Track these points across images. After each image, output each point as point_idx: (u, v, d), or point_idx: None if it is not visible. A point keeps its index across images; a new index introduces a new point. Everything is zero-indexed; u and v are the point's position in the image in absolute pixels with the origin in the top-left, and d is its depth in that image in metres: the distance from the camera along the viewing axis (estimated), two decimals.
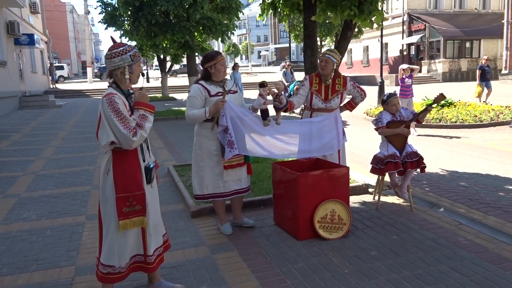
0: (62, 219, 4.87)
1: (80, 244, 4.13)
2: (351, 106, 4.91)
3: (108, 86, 2.88)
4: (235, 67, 16.59)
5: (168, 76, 23.98)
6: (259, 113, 4.12)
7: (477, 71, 14.84)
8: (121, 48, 2.82)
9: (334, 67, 4.56)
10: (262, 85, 3.96)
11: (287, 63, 15.69)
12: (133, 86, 2.95)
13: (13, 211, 5.21)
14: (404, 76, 9.93)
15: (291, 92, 13.61)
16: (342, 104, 4.82)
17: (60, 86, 32.07)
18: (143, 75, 3.00)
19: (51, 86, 29.97)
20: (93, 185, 6.27)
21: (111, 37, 2.96)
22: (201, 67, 4.22)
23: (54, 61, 41.20)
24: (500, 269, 3.34)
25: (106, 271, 2.87)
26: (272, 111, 4.17)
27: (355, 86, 4.75)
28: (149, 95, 2.97)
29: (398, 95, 4.92)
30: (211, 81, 4.01)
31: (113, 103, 2.71)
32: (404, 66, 10.18)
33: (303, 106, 4.89)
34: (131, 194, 2.81)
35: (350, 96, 4.90)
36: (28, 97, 20.01)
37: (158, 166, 3.10)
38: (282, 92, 4.20)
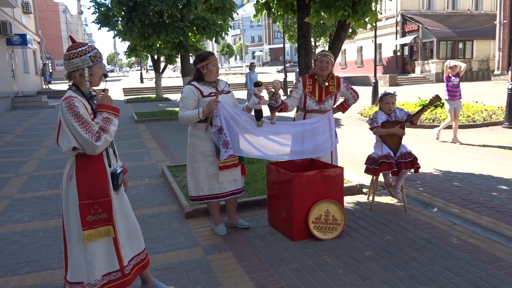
0: (55, 220, 4.83)
1: None
2: (343, 107, 4.89)
3: (67, 89, 2.70)
4: (252, 67, 15.54)
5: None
6: (253, 113, 4.12)
7: (509, 72, 12.28)
8: (81, 49, 2.63)
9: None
10: (257, 84, 3.96)
11: None
12: (95, 88, 2.79)
13: (5, 213, 5.16)
14: (450, 75, 8.59)
15: None
16: (335, 106, 4.81)
17: (53, 86, 31.85)
18: (105, 76, 2.81)
19: (44, 87, 29.77)
20: None
21: (70, 36, 2.84)
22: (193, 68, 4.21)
23: (47, 61, 40.93)
24: (493, 268, 3.35)
25: None
26: (266, 112, 4.16)
27: (348, 87, 4.74)
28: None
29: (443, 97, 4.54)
30: (203, 81, 3.99)
31: (72, 107, 2.54)
32: (451, 62, 8.79)
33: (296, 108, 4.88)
34: (95, 201, 2.63)
35: (343, 98, 4.90)
36: (20, 98, 19.87)
37: (126, 171, 2.93)
38: (280, 92, 4.18)
